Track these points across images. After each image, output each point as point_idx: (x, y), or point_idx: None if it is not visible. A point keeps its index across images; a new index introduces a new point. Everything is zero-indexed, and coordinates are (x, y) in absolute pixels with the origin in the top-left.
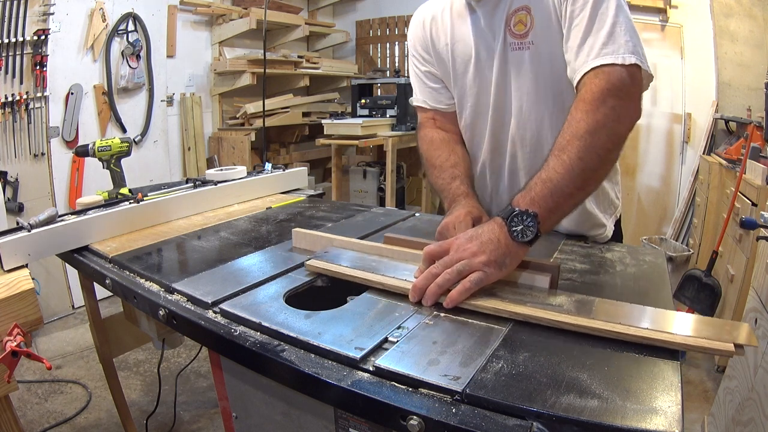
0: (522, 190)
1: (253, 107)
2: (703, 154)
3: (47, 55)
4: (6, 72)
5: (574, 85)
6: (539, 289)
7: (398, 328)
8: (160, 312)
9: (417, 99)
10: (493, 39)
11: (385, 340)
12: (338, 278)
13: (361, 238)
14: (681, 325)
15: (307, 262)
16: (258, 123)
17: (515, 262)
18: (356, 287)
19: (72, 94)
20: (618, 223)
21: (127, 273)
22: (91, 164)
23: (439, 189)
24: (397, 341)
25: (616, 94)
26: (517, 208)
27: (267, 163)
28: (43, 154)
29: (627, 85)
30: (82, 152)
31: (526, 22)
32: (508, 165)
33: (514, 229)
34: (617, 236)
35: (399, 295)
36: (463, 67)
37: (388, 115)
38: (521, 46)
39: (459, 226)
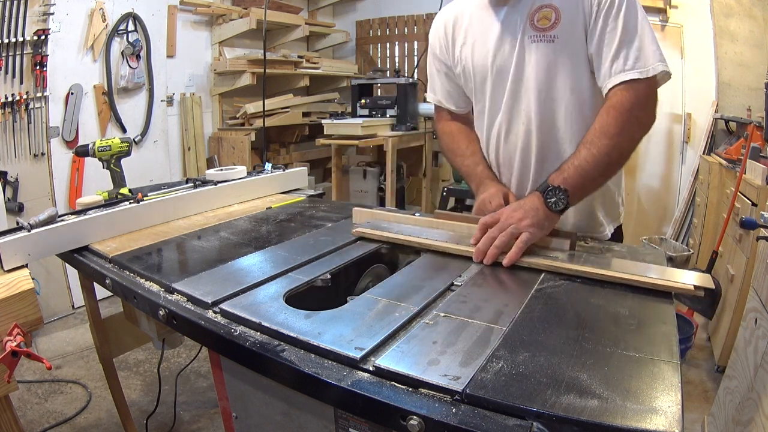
0: (556, 171)
1: (253, 107)
2: (703, 154)
3: (47, 55)
4: (6, 72)
5: (605, 91)
6: (562, 250)
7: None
8: (160, 312)
9: (433, 96)
10: (514, 33)
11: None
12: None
13: (361, 237)
14: (660, 273)
15: (355, 229)
16: (258, 123)
17: (551, 226)
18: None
19: (72, 94)
20: (619, 226)
21: (127, 273)
22: (91, 164)
23: (464, 174)
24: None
25: (642, 106)
26: (551, 185)
27: (267, 163)
28: (43, 154)
29: (650, 98)
30: (82, 152)
31: (550, 18)
32: (519, 156)
33: (549, 200)
34: (618, 237)
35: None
36: (482, 63)
37: (388, 115)
38: (542, 39)
39: (494, 200)
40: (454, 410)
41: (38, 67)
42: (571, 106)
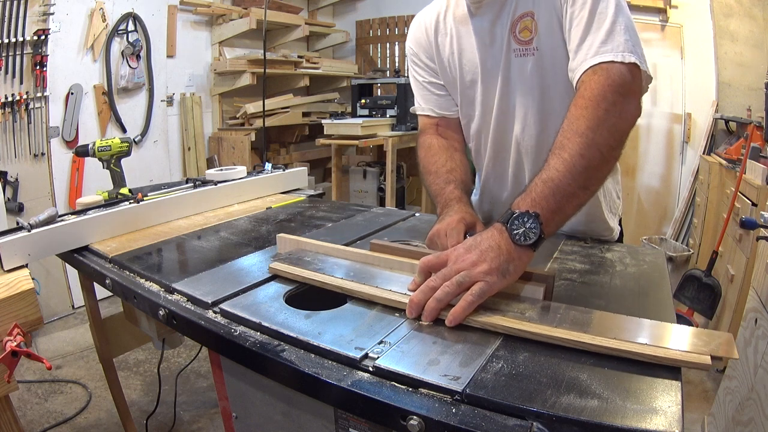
0: (522, 193)
1: (253, 107)
2: (703, 154)
3: (47, 55)
4: (6, 72)
5: (574, 84)
6: (533, 300)
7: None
8: (160, 312)
9: (421, 108)
10: (499, 47)
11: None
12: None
13: (361, 238)
14: (661, 335)
15: (271, 265)
16: (258, 123)
17: (520, 268)
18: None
19: (72, 94)
20: (619, 223)
21: (127, 273)
22: (91, 164)
23: (433, 194)
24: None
25: (617, 90)
26: (516, 211)
27: (267, 163)
28: (43, 154)
29: (628, 82)
30: (82, 152)
31: (531, 29)
32: (511, 173)
33: (515, 232)
34: (618, 235)
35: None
36: (471, 77)
37: (388, 115)
38: (525, 53)
39: (451, 233)
40: (454, 410)
41: (38, 67)
42: (562, 117)
